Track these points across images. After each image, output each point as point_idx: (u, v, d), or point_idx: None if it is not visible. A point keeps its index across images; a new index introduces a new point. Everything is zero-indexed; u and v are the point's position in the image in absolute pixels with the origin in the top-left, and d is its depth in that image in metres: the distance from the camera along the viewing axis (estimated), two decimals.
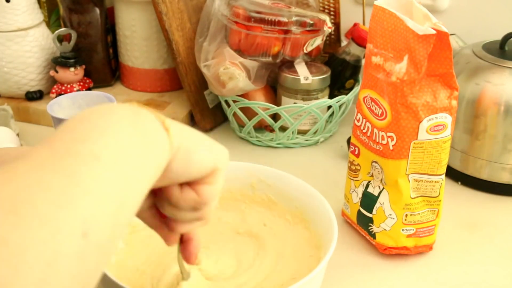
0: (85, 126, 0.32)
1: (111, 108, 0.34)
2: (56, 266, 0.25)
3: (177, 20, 0.98)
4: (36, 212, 0.26)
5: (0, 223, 0.25)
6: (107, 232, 0.29)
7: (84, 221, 0.27)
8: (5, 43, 1.03)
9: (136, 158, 0.33)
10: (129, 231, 0.67)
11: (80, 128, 0.32)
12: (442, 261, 0.73)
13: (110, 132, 0.32)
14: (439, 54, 0.64)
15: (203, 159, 0.41)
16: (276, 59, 0.95)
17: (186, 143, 0.40)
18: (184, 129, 0.41)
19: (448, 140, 0.67)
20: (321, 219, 0.67)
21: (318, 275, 0.59)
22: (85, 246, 0.27)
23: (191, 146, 0.40)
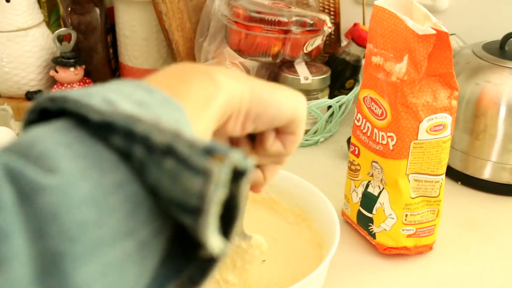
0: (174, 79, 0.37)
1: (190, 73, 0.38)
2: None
3: (177, 20, 0.98)
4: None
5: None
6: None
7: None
8: (5, 43, 1.03)
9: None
10: None
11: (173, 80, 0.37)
12: (442, 261, 0.73)
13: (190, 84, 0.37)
14: (439, 54, 0.64)
15: (280, 101, 0.42)
16: (276, 59, 0.95)
17: (257, 89, 0.41)
18: (253, 79, 0.42)
19: (448, 140, 0.67)
20: (323, 218, 0.67)
21: (321, 274, 0.59)
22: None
23: (264, 91, 0.41)
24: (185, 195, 0.27)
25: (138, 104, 0.30)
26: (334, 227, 0.63)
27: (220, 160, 0.26)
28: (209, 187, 0.26)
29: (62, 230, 0.25)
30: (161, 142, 0.27)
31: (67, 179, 0.26)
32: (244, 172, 0.27)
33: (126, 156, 0.28)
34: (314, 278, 0.57)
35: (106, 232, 0.26)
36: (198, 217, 0.26)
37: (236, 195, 0.28)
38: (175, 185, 0.27)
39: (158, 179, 0.27)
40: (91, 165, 0.27)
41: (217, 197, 0.26)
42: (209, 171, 0.26)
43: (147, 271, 0.29)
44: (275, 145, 0.45)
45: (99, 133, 0.28)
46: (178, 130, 0.27)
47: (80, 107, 0.28)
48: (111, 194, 0.27)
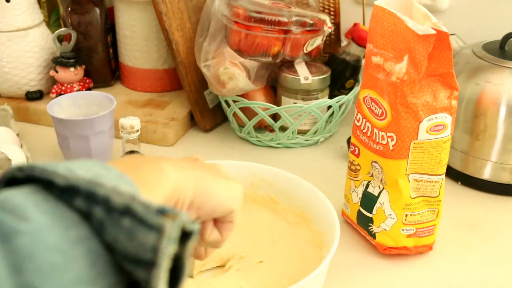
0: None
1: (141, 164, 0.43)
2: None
3: (177, 20, 0.98)
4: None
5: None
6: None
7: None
8: (5, 43, 1.03)
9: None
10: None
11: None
12: (442, 261, 0.73)
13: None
14: (439, 54, 0.64)
15: (219, 193, 0.47)
16: (276, 59, 0.95)
17: (200, 181, 0.46)
18: (197, 168, 0.47)
19: (448, 140, 0.67)
20: (323, 217, 0.67)
21: (321, 274, 0.59)
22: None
23: (206, 183, 0.46)
24: (140, 250, 0.30)
25: (96, 176, 0.34)
26: (334, 227, 0.63)
27: (172, 219, 0.30)
28: (162, 241, 0.30)
29: (37, 267, 0.28)
30: (120, 203, 0.31)
31: (39, 226, 0.30)
32: (190, 233, 0.31)
33: (87, 217, 0.32)
34: (314, 278, 0.57)
35: (72, 276, 0.29)
36: (152, 270, 0.30)
37: (183, 255, 0.31)
38: (131, 241, 0.30)
39: (116, 237, 0.31)
40: (57, 220, 0.31)
41: (168, 252, 0.30)
42: (162, 227, 0.30)
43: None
44: (212, 235, 0.50)
45: (63, 196, 0.32)
46: (134, 193, 0.31)
47: (47, 173, 0.32)
48: (75, 246, 0.30)
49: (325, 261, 0.59)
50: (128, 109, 1.05)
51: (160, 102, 1.07)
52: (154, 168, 0.42)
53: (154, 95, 1.10)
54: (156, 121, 1.00)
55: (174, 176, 0.43)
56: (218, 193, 0.47)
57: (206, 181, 0.46)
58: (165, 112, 1.04)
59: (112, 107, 0.88)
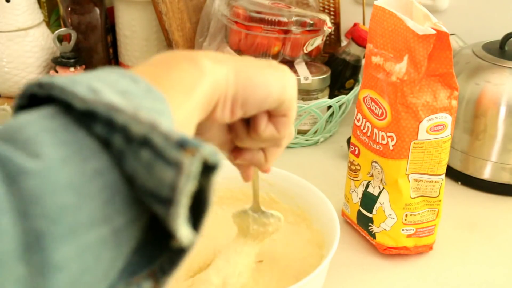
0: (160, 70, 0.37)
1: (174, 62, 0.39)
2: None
3: (177, 20, 0.98)
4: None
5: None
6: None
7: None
8: (5, 43, 1.03)
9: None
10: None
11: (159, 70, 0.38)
12: (442, 261, 0.73)
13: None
14: (439, 54, 0.64)
15: (267, 82, 0.42)
16: (276, 59, 0.95)
17: (243, 71, 0.41)
18: (239, 60, 0.42)
19: (448, 140, 0.67)
20: (323, 217, 0.67)
21: (321, 274, 0.59)
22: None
23: (250, 73, 0.41)
24: (158, 185, 0.28)
25: (121, 93, 0.31)
26: (334, 227, 0.63)
27: (191, 154, 0.27)
28: (180, 179, 0.27)
29: (44, 212, 0.26)
30: (139, 132, 0.28)
31: (50, 164, 0.27)
32: (214, 166, 0.28)
33: (107, 144, 0.29)
34: (314, 278, 0.57)
35: (83, 217, 0.27)
36: (169, 208, 0.28)
37: (206, 188, 0.29)
38: (149, 175, 0.28)
39: (135, 168, 0.29)
40: (74, 152, 0.28)
41: (187, 189, 0.27)
42: (180, 163, 0.27)
43: (121, 256, 0.30)
44: (268, 130, 0.45)
45: (83, 120, 0.29)
46: (155, 121, 0.28)
47: (66, 95, 0.29)
48: (90, 181, 0.28)
49: (325, 261, 0.59)
50: None
51: None
52: (190, 66, 0.38)
53: None
54: None
55: (213, 72, 0.38)
56: (264, 84, 0.42)
57: (249, 72, 0.41)
58: None
59: None
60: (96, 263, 0.28)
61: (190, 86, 0.37)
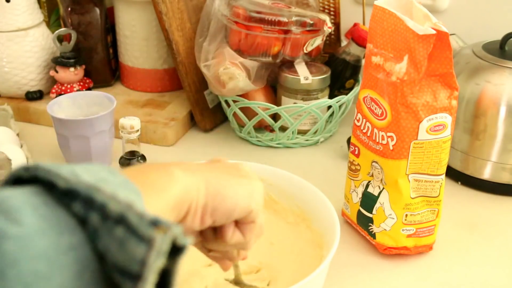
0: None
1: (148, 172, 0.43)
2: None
3: (177, 20, 0.98)
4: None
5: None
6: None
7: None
8: (5, 43, 1.03)
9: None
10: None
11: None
12: (442, 261, 0.73)
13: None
14: (439, 54, 0.64)
15: (235, 193, 0.45)
16: (276, 59, 0.95)
17: (213, 183, 0.44)
18: (209, 170, 0.45)
19: (448, 140, 0.67)
20: (323, 218, 0.67)
21: (321, 274, 0.59)
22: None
23: (220, 184, 0.45)
24: (129, 261, 0.30)
25: (100, 180, 0.33)
26: (334, 227, 0.63)
27: (163, 231, 0.29)
28: (150, 254, 0.29)
29: (19, 276, 0.28)
30: (116, 210, 0.31)
31: (29, 232, 0.29)
32: (181, 248, 0.30)
33: (83, 223, 0.31)
34: (314, 278, 0.57)
35: (54, 286, 0.29)
36: (137, 283, 0.29)
37: (172, 270, 0.31)
38: (121, 251, 0.30)
39: (108, 245, 0.31)
40: (51, 226, 0.30)
41: (156, 266, 0.29)
42: (152, 239, 0.29)
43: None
44: (234, 237, 0.48)
45: (63, 199, 0.32)
46: (131, 202, 0.31)
47: (50, 175, 0.32)
48: (64, 253, 0.30)
49: (325, 261, 0.59)
50: (128, 109, 1.05)
51: (160, 102, 1.07)
52: (162, 173, 0.41)
53: (154, 95, 1.10)
54: (156, 121, 1.00)
55: (183, 180, 0.42)
56: (233, 194, 0.45)
57: (219, 183, 0.45)
58: (165, 112, 1.04)
59: (112, 107, 0.88)
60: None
61: (162, 188, 0.40)
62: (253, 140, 0.99)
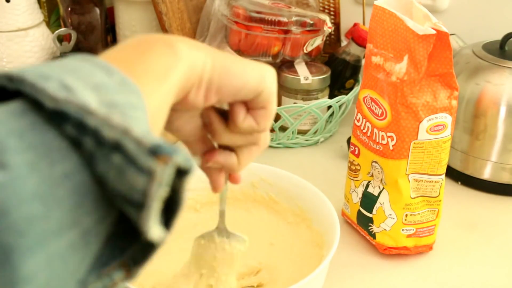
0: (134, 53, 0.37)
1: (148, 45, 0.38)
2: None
3: (177, 20, 0.98)
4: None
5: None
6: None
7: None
8: (5, 43, 1.03)
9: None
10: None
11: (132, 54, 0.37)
12: (442, 261, 0.73)
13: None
14: (439, 54, 0.64)
15: (244, 71, 0.42)
16: (276, 59, 0.95)
17: (220, 59, 0.40)
18: (218, 53, 0.41)
19: (448, 140, 0.67)
20: (323, 217, 0.67)
21: (321, 274, 0.59)
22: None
23: (228, 61, 0.41)
24: (130, 190, 0.28)
25: (94, 88, 0.30)
26: (334, 227, 0.63)
27: (164, 162, 0.27)
28: (151, 186, 0.27)
29: (11, 225, 0.26)
30: (111, 137, 0.28)
31: (17, 174, 0.26)
32: (187, 171, 0.28)
33: (77, 145, 0.28)
34: (314, 278, 0.57)
35: (52, 225, 0.27)
36: (141, 211, 0.27)
37: (179, 190, 0.29)
38: (121, 179, 0.28)
39: (106, 171, 0.28)
40: (41, 156, 0.27)
41: (159, 195, 0.27)
42: (152, 171, 0.27)
43: (90, 254, 0.30)
44: (246, 121, 0.44)
45: (53, 118, 0.28)
46: (127, 126, 0.28)
47: (36, 92, 0.28)
48: (58, 186, 0.27)
49: (325, 261, 0.59)
50: None
51: None
52: (165, 51, 0.37)
53: None
54: None
55: (188, 56, 0.38)
56: (241, 72, 0.41)
57: (227, 60, 0.41)
58: None
59: None
60: (64, 268, 0.28)
61: (165, 71, 0.36)
62: None
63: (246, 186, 0.75)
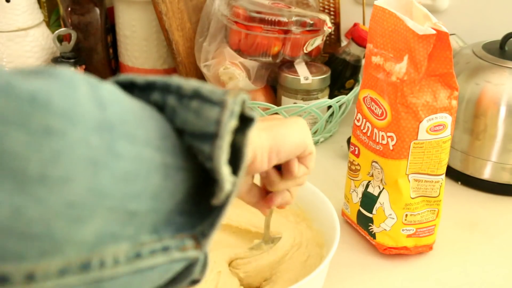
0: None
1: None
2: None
3: (177, 20, 0.98)
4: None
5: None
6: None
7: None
8: (5, 43, 1.03)
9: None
10: None
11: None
12: (442, 261, 0.73)
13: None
14: (439, 54, 0.64)
15: (292, 132, 0.49)
16: (276, 59, 0.95)
17: (273, 128, 0.48)
18: (262, 124, 0.48)
19: (448, 140, 0.67)
20: (323, 218, 0.67)
21: (321, 274, 0.59)
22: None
23: (278, 128, 0.48)
24: (205, 125, 0.34)
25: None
26: (334, 227, 0.63)
27: (233, 95, 0.34)
28: (224, 114, 0.33)
29: (118, 114, 0.32)
30: (190, 88, 0.35)
31: (116, 97, 0.33)
32: (250, 119, 0.35)
33: (161, 109, 0.36)
34: (314, 278, 0.57)
35: (142, 134, 0.33)
36: (215, 142, 0.33)
37: (243, 143, 0.35)
38: (198, 119, 0.34)
39: (185, 118, 0.35)
40: (136, 105, 0.34)
41: (230, 125, 0.34)
42: (224, 101, 0.34)
43: (169, 193, 0.34)
44: (301, 170, 0.51)
45: (140, 95, 0.36)
46: (201, 83, 0.36)
47: (129, 77, 0.37)
48: (149, 119, 0.34)
49: (325, 261, 0.59)
50: None
51: None
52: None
53: None
54: None
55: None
56: (290, 134, 0.48)
57: (275, 128, 0.48)
58: None
59: None
60: (146, 177, 0.32)
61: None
62: None
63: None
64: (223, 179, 0.33)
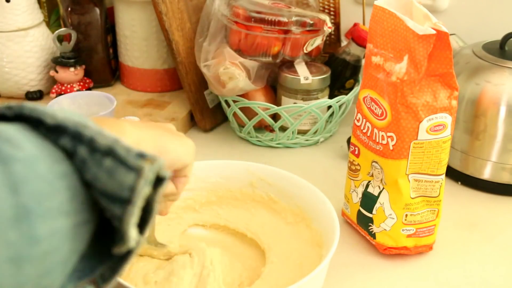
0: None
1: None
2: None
3: (177, 20, 0.98)
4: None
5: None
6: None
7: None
8: (5, 43, 1.03)
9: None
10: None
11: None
12: (442, 261, 0.73)
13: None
14: (439, 54, 0.64)
15: (177, 147, 0.50)
16: (276, 59, 0.95)
17: (159, 138, 0.48)
18: (155, 131, 0.49)
19: (448, 140, 0.67)
20: (322, 217, 0.67)
21: (321, 274, 0.59)
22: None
23: (164, 138, 0.49)
24: (119, 188, 0.33)
25: (81, 121, 0.36)
26: (333, 227, 0.63)
27: (150, 162, 0.33)
28: (139, 181, 0.33)
29: (31, 192, 0.31)
30: (104, 144, 0.34)
31: (31, 156, 0.32)
32: (163, 179, 0.34)
33: (70, 156, 0.34)
34: (314, 278, 0.57)
35: (56, 204, 0.32)
36: (127, 207, 0.33)
37: (153, 199, 0.34)
38: (110, 180, 0.33)
39: (96, 175, 0.34)
40: (45, 154, 0.33)
41: (144, 192, 0.33)
42: (141, 168, 0.33)
43: (75, 253, 0.35)
44: (169, 187, 0.52)
45: (49, 136, 0.34)
46: (117, 137, 0.34)
47: (36, 113, 0.34)
48: (58, 179, 0.33)
49: (325, 261, 0.59)
50: (128, 109, 1.05)
51: (160, 102, 1.08)
52: (115, 128, 0.44)
53: (154, 95, 1.10)
54: (156, 121, 1.00)
55: (133, 133, 0.45)
56: (175, 150, 0.50)
57: (163, 139, 0.49)
58: (165, 112, 1.04)
59: (112, 107, 0.88)
60: (60, 248, 0.33)
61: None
62: (253, 140, 0.99)
63: (245, 186, 0.75)
64: (129, 238, 0.33)
